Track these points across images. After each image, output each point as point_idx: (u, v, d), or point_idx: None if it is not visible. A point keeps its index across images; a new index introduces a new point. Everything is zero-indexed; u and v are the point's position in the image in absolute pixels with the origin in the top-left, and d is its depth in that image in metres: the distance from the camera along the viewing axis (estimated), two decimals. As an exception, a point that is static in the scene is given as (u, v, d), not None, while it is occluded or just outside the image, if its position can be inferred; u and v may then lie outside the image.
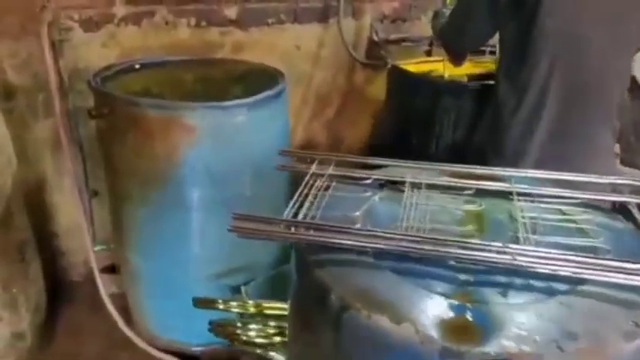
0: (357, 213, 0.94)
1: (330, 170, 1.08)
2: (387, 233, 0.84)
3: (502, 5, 1.46)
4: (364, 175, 1.09)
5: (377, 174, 1.10)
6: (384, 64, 2.15)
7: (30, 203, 1.97)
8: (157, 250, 1.83)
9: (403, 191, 1.03)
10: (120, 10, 2.03)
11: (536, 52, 1.44)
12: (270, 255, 1.90)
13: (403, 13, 2.40)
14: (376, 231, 0.85)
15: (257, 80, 2.00)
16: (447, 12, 1.81)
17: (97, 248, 2.18)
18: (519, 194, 1.01)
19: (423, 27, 2.42)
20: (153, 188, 1.73)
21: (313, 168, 1.09)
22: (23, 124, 2.05)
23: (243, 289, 1.81)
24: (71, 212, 2.13)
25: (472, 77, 1.93)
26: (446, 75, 2.03)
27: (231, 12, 2.18)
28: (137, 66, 1.98)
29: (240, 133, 1.71)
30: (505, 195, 1.02)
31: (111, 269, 2.21)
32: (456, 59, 1.81)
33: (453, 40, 1.73)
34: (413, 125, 2.03)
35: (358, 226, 0.90)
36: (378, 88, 2.44)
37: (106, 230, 2.15)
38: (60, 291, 2.28)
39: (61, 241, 2.30)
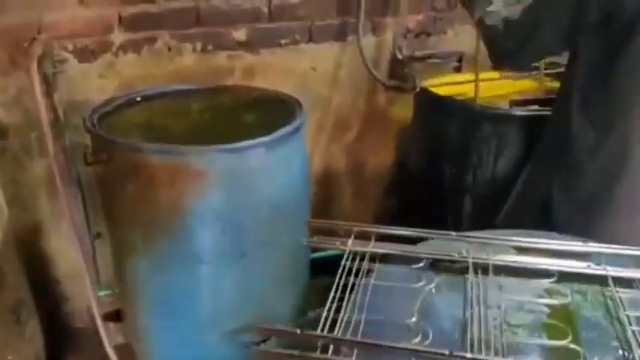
0: (413, 319, 0.74)
1: (371, 247, 0.88)
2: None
3: (588, 21, 1.17)
4: (414, 254, 0.88)
5: (429, 251, 0.89)
6: (411, 86, 1.94)
7: (27, 248, 1.81)
8: (164, 306, 1.64)
9: (464, 274, 0.83)
10: (118, 37, 1.84)
11: (627, 84, 1.18)
12: (290, 307, 1.70)
13: (428, 26, 2.18)
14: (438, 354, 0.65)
15: (271, 108, 1.81)
16: None
17: (101, 293, 2.00)
18: (615, 280, 0.80)
19: (450, 41, 2.21)
20: (158, 239, 1.54)
21: (350, 244, 0.88)
22: (17, 165, 1.87)
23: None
24: (71, 256, 1.95)
25: (514, 101, 1.71)
26: (479, 97, 1.82)
27: (241, 34, 1.98)
28: (138, 98, 1.79)
29: (255, 176, 1.51)
30: (597, 280, 0.81)
31: (116, 315, 2.03)
32: (499, 63, 1.55)
33: (509, 44, 1.42)
34: (445, 154, 1.83)
35: (416, 340, 0.70)
36: (403, 109, 2.24)
37: (111, 273, 1.98)
38: (64, 339, 2.11)
39: (63, 287, 2.12)
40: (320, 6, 2.03)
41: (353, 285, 0.80)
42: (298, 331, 0.71)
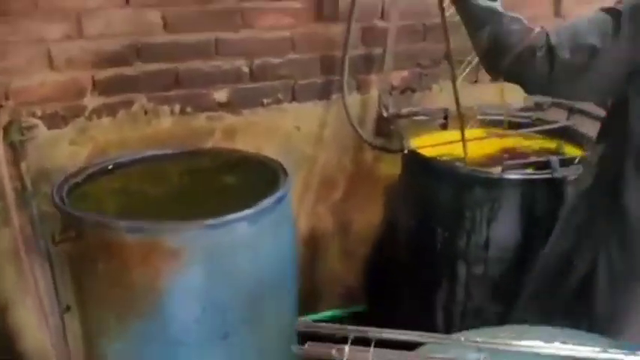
0: None
1: (371, 356, 0.78)
2: None
3: None
4: (418, 364, 0.78)
5: None
6: (398, 146, 1.88)
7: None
8: (141, 394, 1.51)
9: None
10: (91, 101, 1.75)
11: None
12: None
13: (413, 82, 2.14)
14: None
15: (253, 171, 1.73)
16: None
17: (71, 374, 1.86)
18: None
19: (435, 97, 2.16)
20: (132, 320, 1.42)
21: (346, 353, 0.78)
22: (-19, 236, 1.74)
23: None
24: (38, 332, 1.81)
25: (507, 165, 1.64)
26: (468, 158, 1.76)
27: (221, 94, 1.91)
28: (112, 166, 1.70)
29: (238, 251, 1.41)
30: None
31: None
32: (497, 77, 1.36)
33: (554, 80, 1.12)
34: (437, 217, 1.75)
35: None
36: (389, 167, 2.17)
37: (83, 350, 1.83)
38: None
39: (31, 365, 1.96)
40: (303, 64, 1.98)
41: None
42: None
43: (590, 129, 2.03)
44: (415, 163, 1.77)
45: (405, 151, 1.76)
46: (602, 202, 1.17)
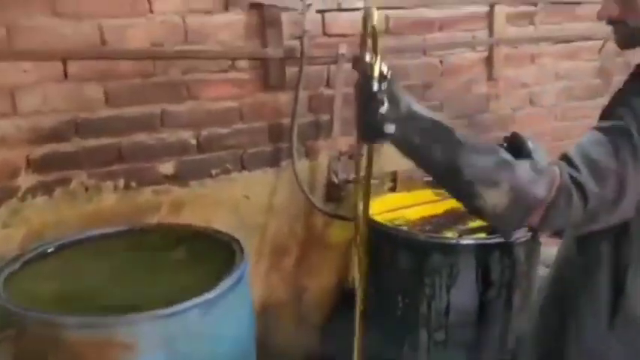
0: None
1: None
2: None
3: None
4: None
5: None
6: (351, 214, 1.87)
7: None
8: None
9: None
10: (26, 180, 1.64)
11: None
12: None
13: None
14: None
15: (204, 245, 1.66)
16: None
17: None
18: None
19: (381, 161, 2.18)
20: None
21: None
22: None
23: None
24: None
25: (463, 230, 1.67)
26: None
27: (167, 167, 1.84)
28: (51, 249, 1.57)
29: (193, 339, 1.32)
30: None
31: None
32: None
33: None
34: (396, 285, 1.73)
35: None
36: (341, 231, 2.15)
37: None
38: None
39: None
40: (251, 133, 1.95)
41: None
42: None
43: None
44: (371, 230, 1.75)
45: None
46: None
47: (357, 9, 1.99)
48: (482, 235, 1.62)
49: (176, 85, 1.80)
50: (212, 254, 1.62)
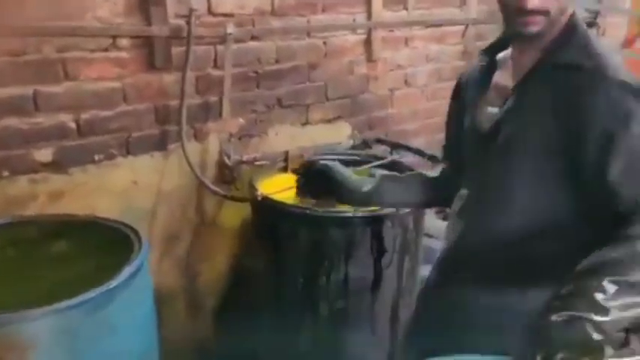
0: None
1: None
2: None
3: None
4: None
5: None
6: (247, 194, 1.87)
7: None
8: None
9: None
10: None
11: None
12: None
13: (249, 129, 2.15)
14: None
15: (91, 235, 1.57)
16: None
17: None
18: None
19: (272, 141, 2.21)
20: None
21: None
22: None
23: None
24: None
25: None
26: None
27: (45, 154, 1.69)
28: None
29: (94, 333, 1.25)
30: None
31: None
32: None
33: None
34: (296, 261, 1.77)
35: None
36: (235, 214, 2.15)
37: None
38: None
39: None
40: (136, 116, 1.86)
41: None
42: None
43: (411, 160, 2.28)
44: (269, 209, 1.78)
45: (258, 199, 1.75)
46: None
47: (244, -12, 1.97)
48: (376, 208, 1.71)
49: (51, 65, 1.65)
50: (100, 242, 1.54)
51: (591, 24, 3.29)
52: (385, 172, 1.54)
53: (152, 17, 1.78)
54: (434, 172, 1.41)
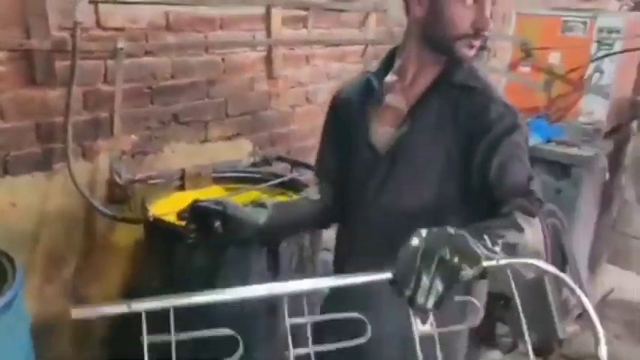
0: None
1: None
2: None
3: None
4: None
5: None
6: (140, 215, 1.80)
7: None
8: None
9: None
10: None
11: None
12: None
13: (144, 146, 2.08)
14: None
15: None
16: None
17: None
18: None
19: (168, 159, 2.14)
20: None
21: None
22: None
23: None
24: None
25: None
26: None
27: None
28: None
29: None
30: None
31: None
32: None
33: None
34: (190, 282, 1.71)
35: None
36: (124, 235, 2.06)
37: None
38: None
39: None
40: (16, 134, 1.73)
41: None
42: None
43: (311, 178, 2.30)
44: (162, 231, 1.72)
45: (150, 220, 1.69)
46: None
47: (135, 2, 1.91)
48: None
49: None
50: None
51: (483, 47, 3.53)
52: (275, 201, 1.51)
53: (32, 30, 1.67)
54: (315, 194, 1.41)
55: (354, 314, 0.92)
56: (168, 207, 1.90)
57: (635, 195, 2.98)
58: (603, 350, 0.86)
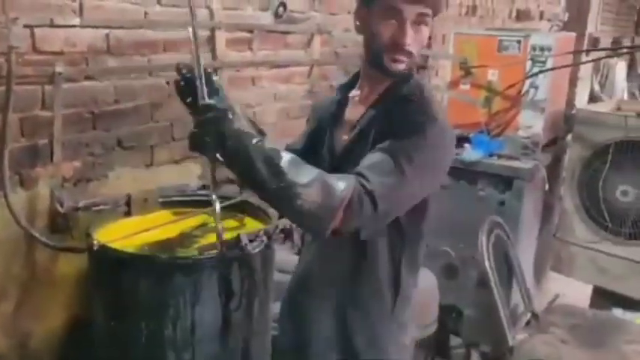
0: None
1: None
2: None
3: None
4: None
5: None
6: (83, 244, 1.73)
7: None
8: None
9: None
10: None
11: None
12: None
13: (87, 172, 2.01)
14: None
15: None
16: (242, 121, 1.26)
17: None
18: None
19: (112, 185, 2.08)
20: None
21: None
22: None
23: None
24: None
25: (203, 247, 1.71)
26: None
27: None
28: None
29: None
30: None
31: None
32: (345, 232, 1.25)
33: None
34: (139, 312, 1.67)
35: None
36: (70, 265, 1.98)
37: None
38: None
39: None
40: (-54, 163, 1.65)
41: None
42: None
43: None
44: (107, 259, 1.66)
45: (95, 248, 1.63)
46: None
47: (73, 26, 1.86)
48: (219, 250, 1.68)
49: None
50: None
51: (424, 67, 3.65)
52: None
53: (-39, 54, 1.61)
54: None
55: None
56: (114, 234, 1.85)
57: (573, 204, 3.12)
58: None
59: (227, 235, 1.59)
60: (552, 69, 2.97)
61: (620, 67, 6.37)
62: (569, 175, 3.15)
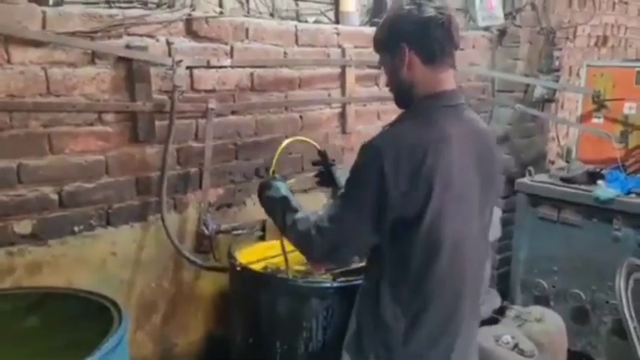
0: None
1: None
2: None
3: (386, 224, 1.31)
4: None
5: None
6: (224, 264, 1.88)
7: None
8: None
9: None
10: None
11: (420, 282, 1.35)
12: None
13: (228, 198, 2.20)
14: None
15: (65, 308, 1.56)
16: (280, 186, 1.60)
17: None
18: None
19: (249, 210, 2.25)
20: None
21: None
22: None
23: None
24: None
25: (336, 274, 1.79)
26: (291, 271, 1.85)
27: (24, 226, 1.70)
28: None
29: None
30: None
31: None
32: (318, 264, 1.54)
33: (325, 247, 1.39)
34: (275, 332, 1.78)
35: None
36: (209, 284, 2.16)
37: None
38: None
39: None
40: (118, 188, 1.89)
41: None
42: None
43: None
44: (246, 279, 1.80)
45: (238, 269, 1.78)
46: (369, 319, 1.45)
47: (224, 66, 2.07)
48: (352, 277, 1.75)
49: (36, 139, 1.69)
50: (75, 316, 1.53)
51: (550, 100, 3.52)
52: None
53: (137, 94, 1.85)
54: None
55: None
56: (251, 256, 1.99)
57: None
58: None
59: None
60: (699, 101, 2.75)
61: None
62: None
